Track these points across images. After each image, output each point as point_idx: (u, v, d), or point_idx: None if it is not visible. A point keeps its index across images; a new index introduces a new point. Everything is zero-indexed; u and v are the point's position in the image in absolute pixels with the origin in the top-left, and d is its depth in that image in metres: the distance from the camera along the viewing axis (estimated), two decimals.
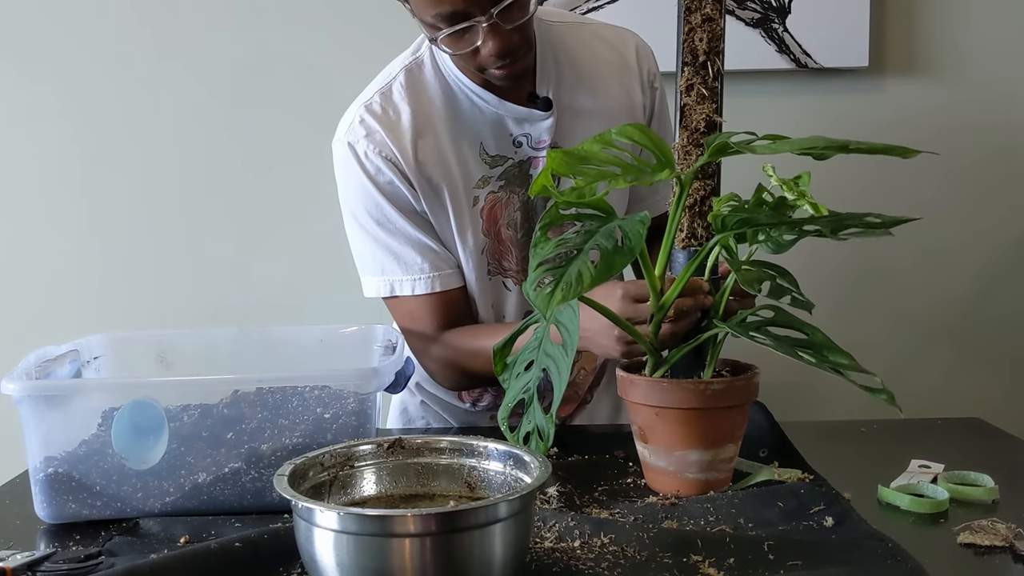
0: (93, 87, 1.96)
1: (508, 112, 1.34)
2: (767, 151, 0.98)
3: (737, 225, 1.03)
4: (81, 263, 2.01)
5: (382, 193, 1.33)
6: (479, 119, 1.34)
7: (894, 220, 1.00)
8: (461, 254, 1.37)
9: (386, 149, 1.31)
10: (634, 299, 1.14)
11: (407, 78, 1.35)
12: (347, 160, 1.34)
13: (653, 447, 1.09)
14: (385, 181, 1.32)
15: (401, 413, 1.57)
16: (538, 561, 0.90)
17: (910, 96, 1.96)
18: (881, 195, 1.93)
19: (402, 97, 1.33)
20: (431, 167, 1.33)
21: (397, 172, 1.32)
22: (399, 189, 1.33)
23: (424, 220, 1.36)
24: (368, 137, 1.32)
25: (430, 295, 1.36)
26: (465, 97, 1.34)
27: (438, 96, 1.34)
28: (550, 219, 1.04)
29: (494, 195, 1.36)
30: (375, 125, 1.32)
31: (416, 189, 1.33)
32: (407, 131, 1.32)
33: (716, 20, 1.12)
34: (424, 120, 1.33)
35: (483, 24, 1.18)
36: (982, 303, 2.02)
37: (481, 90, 1.33)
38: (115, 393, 1.08)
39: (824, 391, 1.93)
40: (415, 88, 1.34)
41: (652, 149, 1.02)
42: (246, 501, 1.07)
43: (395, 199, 1.33)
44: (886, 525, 0.98)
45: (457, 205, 1.35)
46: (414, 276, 1.35)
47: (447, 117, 1.34)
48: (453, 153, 1.33)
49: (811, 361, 0.96)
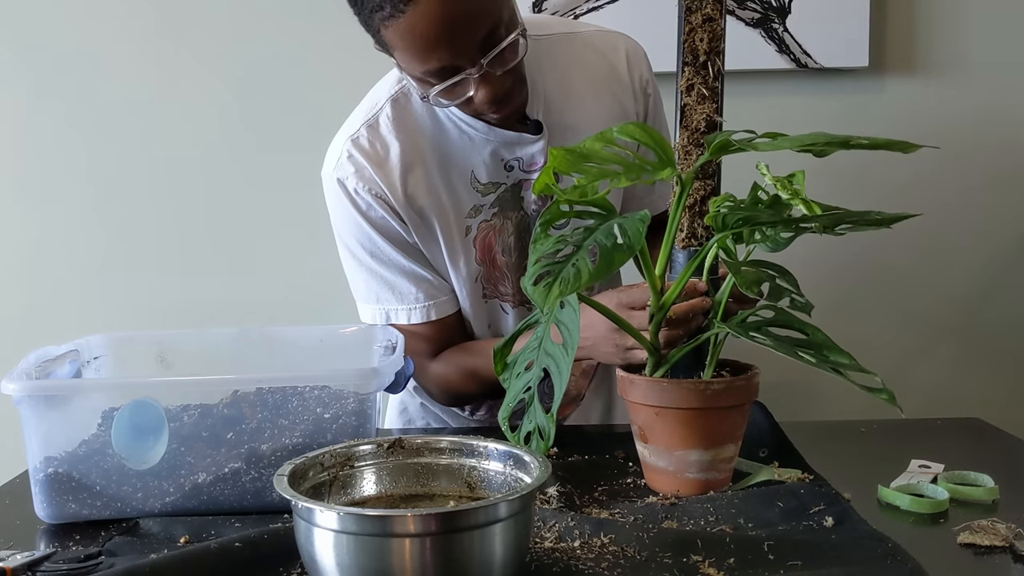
0: (96, 86, 1.96)
1: (498, 138, 1.32)
2: (768, 148, 0.98)
3: (737, 224, 1.03)
4: (81, 263, 2.01)
5: (373, 227, 1.33)
6: (469, 148, 1.32)
7: (894, 217, 1.00)
8: (455, 281, 1.38)
9: (375, 186, 1.30)
10: (628, 307, 1.14)
11: (394, 109, 1.32)
12: (337, 195, 1.33)
13: (653, 447, 1.09)
14: (376, 216, 1.32)
15: (401, 413, 1.57)
16: (538, 561, 0.90)
17: (910, 96, 1.96)
18: (881, 194, 1.93)
19: (389, 130, 1.32)
20: (421, 200, 1.32)
21: (387, 207, 1.31)
22: (390, 223, 1.33)
23: (417, 251, 1.36)
24: (357, 174, 1.31)
25: (425, 323, 1.37)
26: (454, 126, 1.32)
27: (426, 127, 1.32)
28: (550, 216, 1.04)
29: (487, 223, 1.36)
30: (363, 161, 1.31)
31: (407, 223, 1.33)
32: (396, 166, 1.31)
33: (717, 20, 1.12)
34: (413, 153, 1.31)
35: (474, 75, 1.16)
36: (982, 303, 2.02)
37: (470, 119, 1.30)
38: (115, 393, 1.08)
39: (824, 391, 1.93)
40: (402, 119, 1.32)
41: (653, 147, 1.02)
42: (246, 501, 1.07)
43: (386, 233, 1.33)
44: (886, 525, 0.98)
45: (448, 236, 1.35)
46: (409, 305, 1.36)
47: (436, 148, 1.32)
48: (443, 185, 1.33)
49: (811, 361, 0.96)
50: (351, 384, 1.08)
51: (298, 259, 2.00)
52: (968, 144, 1.96)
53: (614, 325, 1.11)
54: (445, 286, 1.38)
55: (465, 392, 1.42)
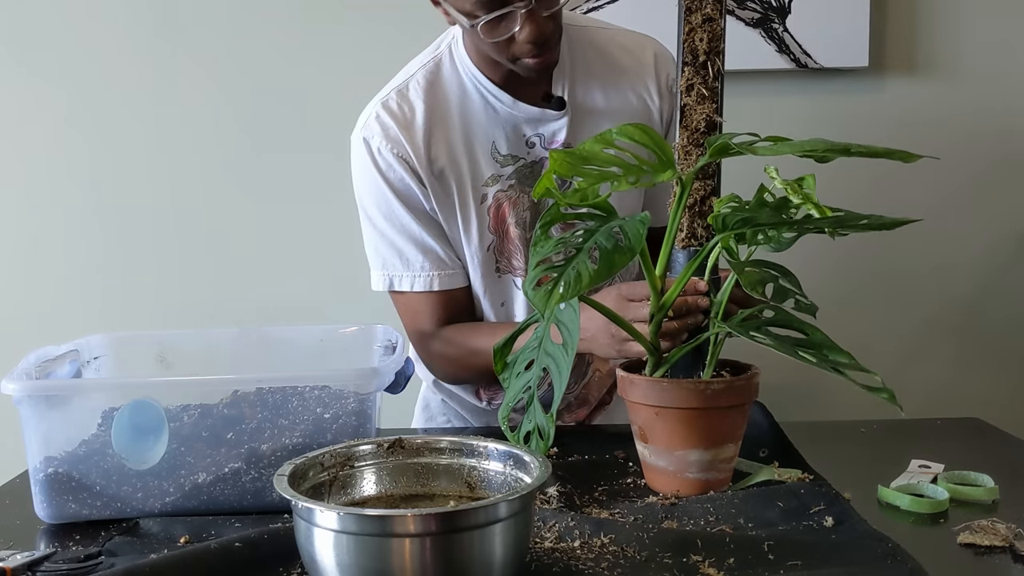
0: (97, 87, 1.96)
1: (522, 113, 1.36)
2: (768, 153, 0.98)
3: (739, 225, 1.03)
4: (82, 263, 2.00)
5: (392, 190, 1.35)
6: (493, 119, 1.36)
7: (896, 221, 1.00)
8: (467, 250, 1.39)
9: (399, 147, 1.34)
10: (627, 299, 1.15)
11: (424, 76, 1.37)
12: (361, 155, 1.37)
13: (653, 447, 1.09)
14: (396, 178, 1.35)
15: (423, 409, 1.59)
16: (538, 561, 0.90)
17: (910, 96, 1.95)
18: (881, 194, 1.93)
19: (418, 95, 1.36)
20: (441, 161, 1.35)
21: (408, 169, 1.34)
22: (409, 186, 1.35)
23: (432, 220, 1.38)
24: (382, 134, 1.34)
25: (429, 293, 1.38)
26: (480, 96, 1.36)
27: (454, 94, 1.37)
28: (550, 218, 1.04)
29: (503, 193, 1.37)
30: (390, 122, 1.34)
31: (426, 186, 1.35)
32: (420, 128, 1.34)
33: (716, 20, 1.12)
34: (438, 116, 1.35)
35: (522, 10, 1.20)
36: (982, 303, 2.02)
37: (497, 90, 1.35)
38: (115, 393, 1.08)
39: (824, 391, 1.93)
40: (432, 86, 1.37)
41: (653, 149, 1.02)
42: (246, 501, 1.07)
43: (404, 196, 1.36)
44: (886, 525, 0.98)
45: (464, 201, 1.36)
46: (414, 273, 1.38)
47: (461, 115, 1.36)
48: (464, 150, 1.36)
49: (811, 361, 0.96)
50: (351, 384, 1.08)
51: (298, 259, 2.00)
52: (968, 144, 1.96)
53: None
54: (455, 261, 1.39)
55: (464, 372, 1.42)
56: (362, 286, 1.97)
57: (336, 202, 1.98)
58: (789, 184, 0.99)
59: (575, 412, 1.51)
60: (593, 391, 1.51)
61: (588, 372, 1.48)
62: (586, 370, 1.48)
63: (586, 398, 1.51)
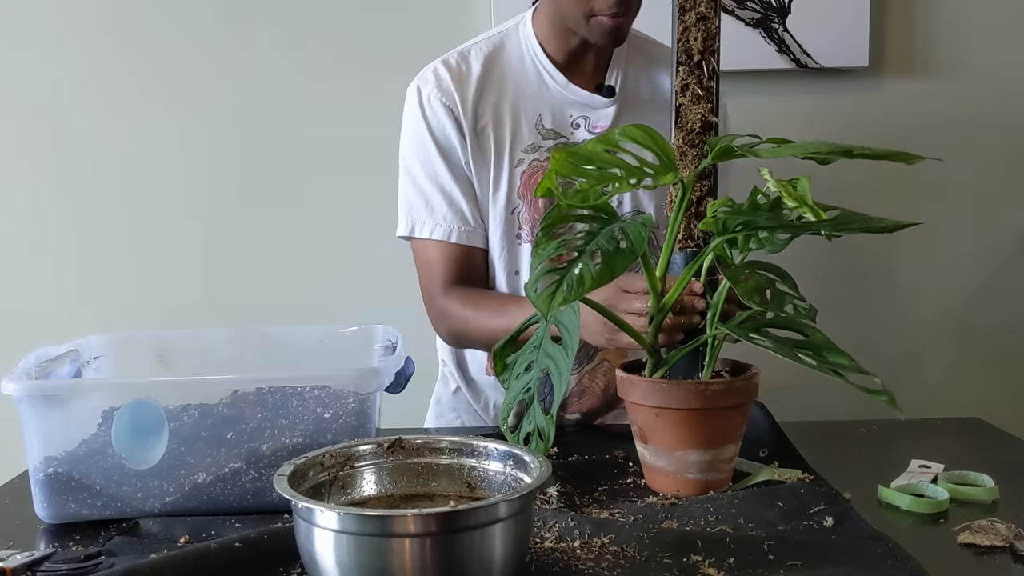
0: (94, 84, 1.96)
1: (573, 95, 1.43)
2: (770, 155, 0.98)
3: (738, 228, 1.03)
4: (82, 263, 2.00)
5: (433, 139, 1.41)
6: (544, 95, 1.43)
7: (897, 224, 1.00)
8: (491, 210, 1.43)
9: (448, 97, 1.40)
10: (624, 291, 1.15)
11: (487, 44, 1.46)
12: (411, 102, 1.44)
13: (653, 447, 1.09)
14: (439, 127, 1.41)
15: (435, 404, 1.60)
16: (538, 561, 0.90)
17: (910, 96, 1.96)
18: (880, 194, 1.93)
19: (477, 58, 1.44)
20: (485, 118, 1.41)
21: (452, 120, 1.40)
22: (450, 138, 1.41)
23: (465, 178, 1.42)
24: (435, 83, 1.42)
25: (446, 244, 1.43)
26: (536, 72, 1.43)
27: (512, 65, 1.44)
28: (552, 219, 1.04)
29: (539, 163, 1.42)
30: (444, 75, 1.42)
31: (466, 139, 1.41)
32: (473, 85, 1.42)
33: (711, 19, 1.12)
34: (492, 80, 1.43)
35: None
36: (982, 303, 2.02)
37: (553, 69, 1.42)
38: (115, 393, 1.08)
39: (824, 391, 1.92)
40: (492, 54, 1.45)
41: (655, 150, 1.02)
42: (246, 501, 1.07)
43: (444, 148, 1.41)
44: (886, 525, 0.98)
45: (499, 159, 1.41)
46: (435, 221, 1.43)
47: (515, 84, 1.43)
48: (510, 115, 1.42)
49: (811, 363, 0.96)
50: (351, 384, 1.08)
51: (299, 259, 2.00)
52: (967, 144, 1.96)
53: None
54: (477, 222, 1.43)
55: (465, 337, 1.45)
56: (362, 286, 1.99)
57: (337, 202, 1.98)
58: (783, 186, 0.99)
59: (580, 401, 1.51)
60: (598, 381, 1.50)
61: (595, 358, 1.48)
62: (592, 355, 1.48)
63: (590, 387, 1.50)
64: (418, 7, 1.93)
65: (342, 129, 1.96)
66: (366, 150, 1.95)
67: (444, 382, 1.60)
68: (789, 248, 1.09)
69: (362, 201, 1.97)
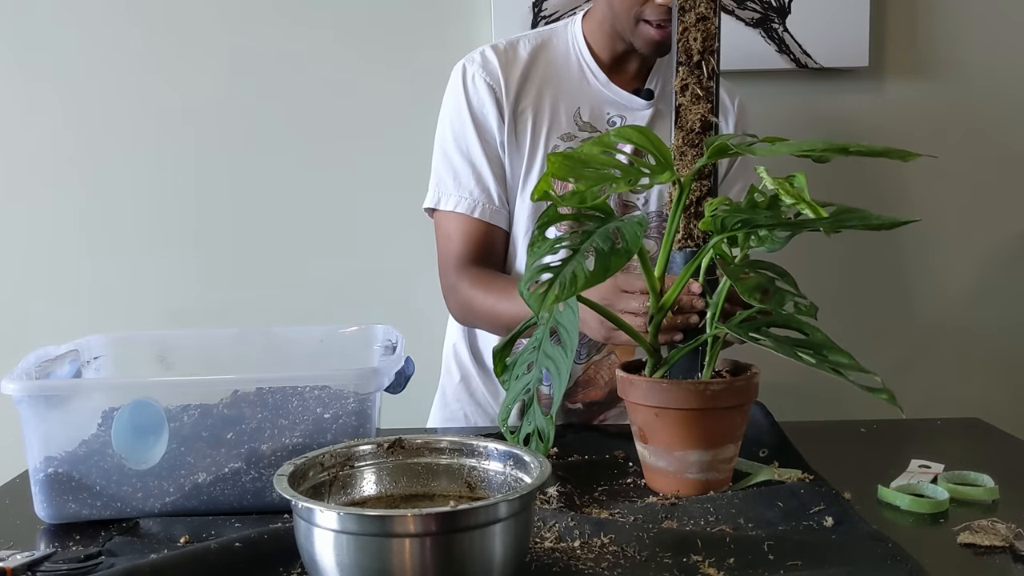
0: (95, 84, 1.96)
1: (612, 93, 1.48)
2: (766, 153, 0.98)
3: (737, 226, 1.03)
4: (82, 263, 2.00)
5: (471, 116, 1.45)
6: (584, 90, 1.48)
7: (894, 221, 1.00)
8: (519, 196, 1.46)
9: (492, 77, 1.45)
10: (622, 290, 1.16)
11: (536, 37, 1.51)
12: (455, 78, 1.49)
13: (653, 447, 1.09)
14: (478, 105, 1.45)
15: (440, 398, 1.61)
16: (538, 561, 0.90)
17: (910, 96, 1.96)
18: (879, 193, 1.93)
19: (526, 47, 1.49)
20: (525, 102, 1.46)
21: (493, 99, 1.44)
22: (487, 117, 1.45)
23: (497, 159, 1.46)
24: (481, 64, 1.46)
25: (468, 219, 1.45)
26: (579, 68, 1.48)
27: (557, 58, 1.49)
28: (547, 219, 1.04)
29: None
30: (492, 57, 1.47)
31: (504, 121, 1.45)
32: (518, 70, 1.46)
33: (710, 19, 1.12)
34: (537, 69, 1.47)
35: None
36: (982, 303, 2.02)
37: (596, 67, 1.48)
38: (115, 393, 1.08)
39: (824, 391, 1.93)
40: (540, 46, 1.50)
41: (651, 151, 1.02)
42: (246, 501, 1.07)
43: (480, 126, 1.45)
44: (886, 525, 0.98)
45: (535, 145, 1.45)
46: (461, 194, 1.46)
47: (558, 75, 1.48)
48: (550, 103, 1.47)
49: (811, 362, 0.96)
50: (351, 384, 1.08)
51: (299, 259, 2.00)
52: (967, 144, 1.96)
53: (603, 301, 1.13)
54: (502, 203, 1.46)
55: (473, 312, 1.46)
56: (362, 286, 1.99)
57: (337, 202, 1.98)
58: (780, 183, 0.99)
59: (585, 391, 1.50)
60: (603, 373, 1.51)
61: (603, 349, 1.49)
62: (601, 346, 1.48)
63: (595, 379, 1.50)
64: (418, 9, 1.93)
65: (342, 129, 1.96)
66: (366, 150, 1.95)
67: (448, 373, 1.60)
68: (789, 247, 1.09)
69: (362, 201, 1.97)
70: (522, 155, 1.45)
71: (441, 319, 1.64)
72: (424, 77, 1.91)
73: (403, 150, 1.94)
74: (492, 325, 1.46)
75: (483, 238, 1.46)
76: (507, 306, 1.35)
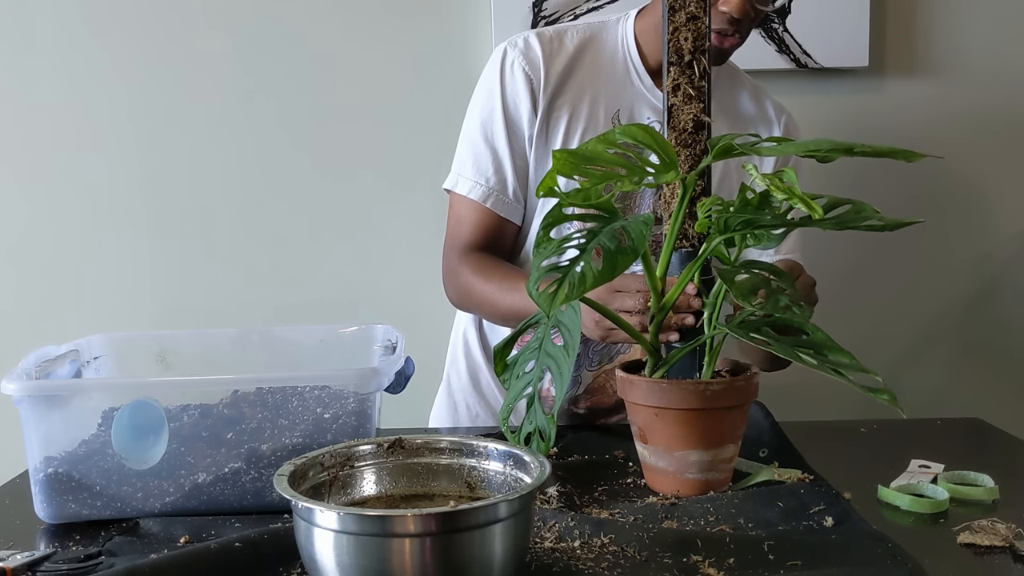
0: (94, 83, 1.96)
1: (655, 98, 1.43)
2: (772, 153, 0.98)
3: (739, 227, 1.03)
4: (81, 263, 2.00)
5: (503, 103, 1.41)
6: (627, 90, 1.43)
7: (896, 222, 1.00)
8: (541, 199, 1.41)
9: (532, 67, 1.40)
10: (616, 290, 1.16)
11: (585, 30, 1.46)
12: (494, 62, 1.44)
13: (653, 447, 1.09)
14: (512, 93, 1.41)
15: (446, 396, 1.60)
16: (538, 561, 0.90)
17: (910, 96, 1.96)
18: (880, 193, 1.93)
19: (572, 40, 1.44)
20: (563, 98, 1.41)
21: (529, 90, 1.40)
22: (519, 108, 1.41)
23: (522, 154, 1.42)
24: (523, 51, 1.41)
25: (479, 206, 1.43)
26: (624, 66, 1.44)
27: (604, 55, 1.44)
28: (552, 219, 1.04)
29: None
30: (535, 45, 1.41)
31: (537, 113, 1.40)
32: (560, 62, 1.41)
33: (701, 19, 1.11)
34: (580, 65, 1.42)
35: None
36: (982, 303, 2.02)
37: (643, 69, 1.43)
38: (115, 393, 1.08)
39: (824, 391, 1.93)
40: (588, 40, 1.44)
41: (656, 149, 1.02)
42: (246, 501, 1.07)
43: (511, 115, 1.41)
44: (886, 525, 0.98)
45: (568, 139, 1.41)
46: (477, 180, 1.43)
47: (602, 75, 1.43)
48: (589, 101, 1.42)
49: (812, 363, 0.95)
50: (351, 384, 1.08)
51: (299, 259, 2.00)
52: (968, 144, 1.96)
53: None
54: (518, 197, 1.44)
55: (471, 297, 1.44)
56: (362, 286, 1.99)
57: (337, 202, 1.98)
58: (770, 179, 0.98)
59: (593, 398, 1.50)
60: (614, 382, 1.50)
61: (615, 359, 1.47)
62: (614, 355, 1.46)
63: (604, 387, 1.50)
64: (418, 9, 1.93)
65: (343, 129, 1.96)
66: (367, 150, 1.95)
67: (454, 364, 1.59)
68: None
69: (363, 201, 1.97)
70: (550, 151, 1.41)
71: (442, 319, 1.64)
72: (424, 78, 1.91)
73: (403, 150, 1.94)
74: (489, 313, 1.45)
75: (492, 228, 1.44)
76: (506, 296, 1.35)
